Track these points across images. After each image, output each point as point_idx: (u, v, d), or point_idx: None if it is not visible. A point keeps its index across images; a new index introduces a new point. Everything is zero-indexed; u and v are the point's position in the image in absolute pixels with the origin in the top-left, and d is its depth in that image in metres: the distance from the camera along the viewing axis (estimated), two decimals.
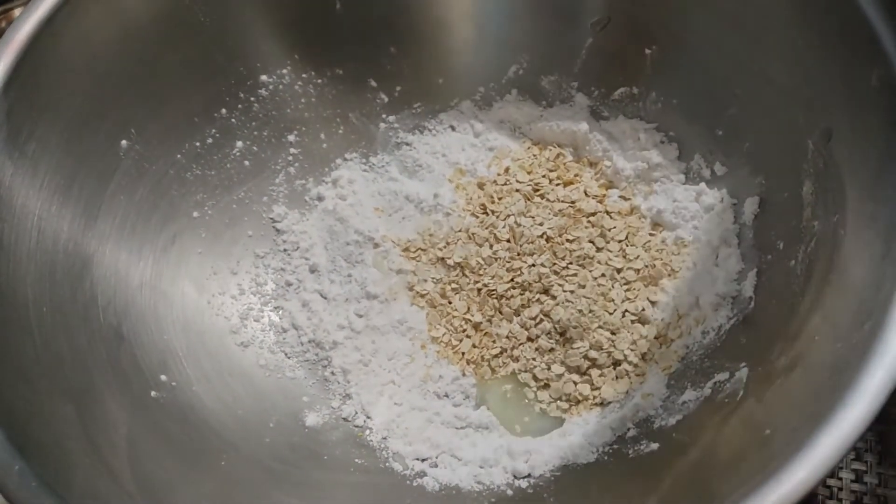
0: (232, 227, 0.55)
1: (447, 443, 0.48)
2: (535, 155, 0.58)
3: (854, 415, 0.30)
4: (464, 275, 0.54)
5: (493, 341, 0.51)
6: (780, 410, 0.36)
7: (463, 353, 0.52)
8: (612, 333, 0.49)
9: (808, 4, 0.42)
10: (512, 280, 0.52)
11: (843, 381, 0.32)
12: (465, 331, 0.52)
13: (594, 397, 0.48)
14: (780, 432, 0.33)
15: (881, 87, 0.38)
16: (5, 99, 0.42)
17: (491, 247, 0.54)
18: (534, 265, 0.52)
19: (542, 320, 0.50)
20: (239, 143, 0.55)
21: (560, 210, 0.54)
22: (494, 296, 0.52)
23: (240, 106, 0.55)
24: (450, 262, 0.54)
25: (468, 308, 0.53)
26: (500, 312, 0.52)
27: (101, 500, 0.36)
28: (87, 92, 0.46)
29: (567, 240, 0.53)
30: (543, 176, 0.56)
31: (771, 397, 0.38)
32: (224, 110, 0.54)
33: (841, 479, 0.47)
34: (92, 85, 0.47)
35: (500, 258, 0.53)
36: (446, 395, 0.51)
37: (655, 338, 0.49)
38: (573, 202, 0.55)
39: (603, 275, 0.52)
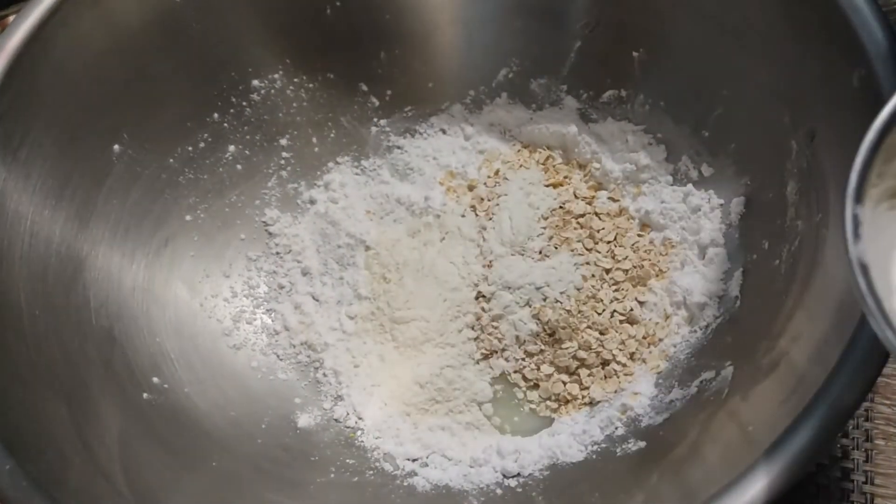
0: (224, 231, 0.55)
1: (437, 443, 0.48)
2: (525, 157, 0.59)
3: (832, 410, 0.31)
4: None
5: (483, 342, 0.52)
6: (762, 407, 0.37)
7: None
8: (601, 333, 0.50)
9: (790, 7, 0.43)
10: None
11: (822, 378, 0.32)
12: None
13: (583, 397, 0.49)
14: (762, 428, 0.34)
15: (862, 87, 0.38)
16: None
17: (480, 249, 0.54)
18: None
19: (531, 321, 0.51)
20: (231, 148, 0.56)
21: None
22: (484, 297, 0.53)
23: (232, 110, 0.55)
24: None
25: None
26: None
27: (93, 499, 0.37)
28: (79, 97, 0.47)
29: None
30: None
31: (755, 395, 0.38)
32: (216, 115, 0.55)
33: (828, 476, 0.47)
34: (84, 90, 0.47)
35: None
36: (437, 396, 0.51)
37: (643, 337, 0.50)
38: (562, 204, 0.55)
39: (592, 275, 0.52)
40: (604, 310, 0.51)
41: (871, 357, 0.31)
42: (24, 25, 0.44)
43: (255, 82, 0.56)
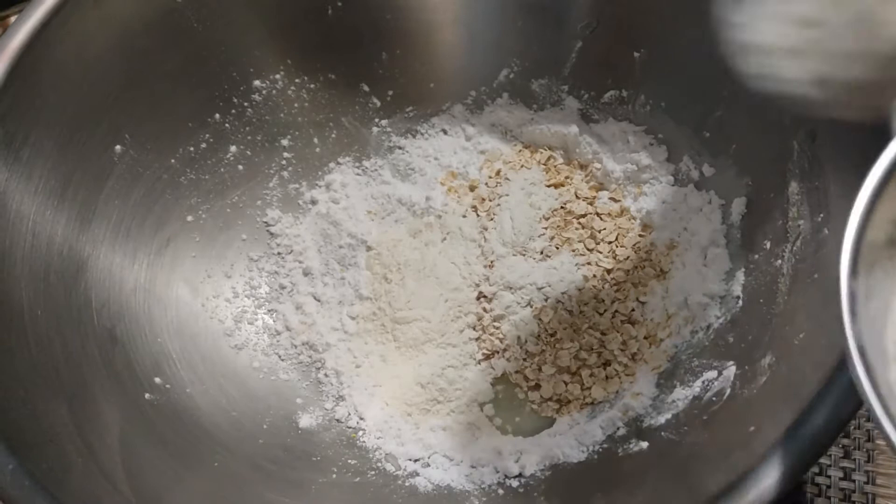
0: (226, 231, 0.55)
1: (439, 443, 0.49)
2: (526, 158, 0.59)
3: (833, 410, 0.31)
4: None
5: (485, 342, 0.52)
6: (764, 407, 0.37)
7: None
8: (602, 334, 0.50)
9: None
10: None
11: (824, 379, 0.32)
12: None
13: (584, 397, 0.49)
14: (763, 428, 0.34)
15: None
16: (0, 105, 0.42)
17: (481, 249, 0.54)
18: None
19: (532, 321, 0.51)
20: (233, 148, 0.56)
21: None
22: (485, 297, 0.53)
23: (233, 111, 0.55)
24: None
25: None
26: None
27: (94, 499, 0.37)
28: (81, 97, 0.47)
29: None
30: None
31: (756, 395, 0.38)
32: (218, 115, 0.55)
33: (829, 476, 0.47)
34: (86, 90, 0.47)
35: None
36: (438, 397, 0.51)
37: (645, 338, 0.50)
38: (564, 204, 0.55)
39: (594, 276, 0.52)
40: (605, 310, 0.51)
41: None
42: (25, 26, 0.44)
43: (257, 83, 0.56)
